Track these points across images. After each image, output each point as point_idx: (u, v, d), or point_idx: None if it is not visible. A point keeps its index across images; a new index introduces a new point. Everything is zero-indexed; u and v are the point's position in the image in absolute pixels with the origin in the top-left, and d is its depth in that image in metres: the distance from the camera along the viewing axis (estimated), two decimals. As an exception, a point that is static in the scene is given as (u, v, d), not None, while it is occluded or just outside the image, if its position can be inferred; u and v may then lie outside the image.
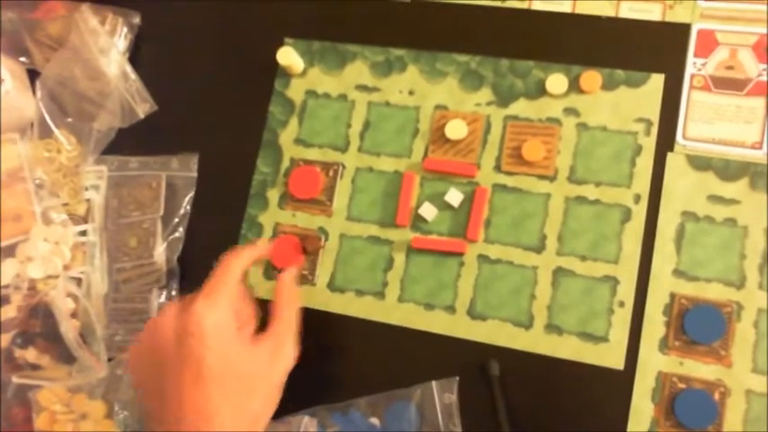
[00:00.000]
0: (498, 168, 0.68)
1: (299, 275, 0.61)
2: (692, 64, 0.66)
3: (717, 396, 0.60)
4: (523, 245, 0.66)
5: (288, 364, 0.57)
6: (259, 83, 0.75)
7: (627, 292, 0.63)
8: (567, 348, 0.63)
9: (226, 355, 0.52)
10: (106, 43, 0.75)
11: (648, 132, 0.65)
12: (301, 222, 0.71)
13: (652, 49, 0.67)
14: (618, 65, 0.67)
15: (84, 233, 0.73)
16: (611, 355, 0.62)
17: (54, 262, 0.71)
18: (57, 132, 0.75)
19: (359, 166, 0.71)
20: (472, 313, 0.66)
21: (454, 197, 0.67)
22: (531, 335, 0.64)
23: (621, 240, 0.64)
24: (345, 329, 0.68)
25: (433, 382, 0.64)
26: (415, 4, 0.73)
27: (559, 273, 0.65)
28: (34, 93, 0.76)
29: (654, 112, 0.66)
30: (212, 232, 0.72)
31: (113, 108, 0.75)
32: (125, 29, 0.78)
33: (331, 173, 0.71)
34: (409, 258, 0.68)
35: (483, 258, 0.66)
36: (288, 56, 0.72)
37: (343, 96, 0.72)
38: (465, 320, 0.66)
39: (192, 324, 0.52)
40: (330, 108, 0.73)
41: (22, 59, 0.79)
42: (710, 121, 0.65)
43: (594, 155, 0.66)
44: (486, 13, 0.71)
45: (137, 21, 0.79)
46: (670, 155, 0.65)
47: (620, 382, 0.62)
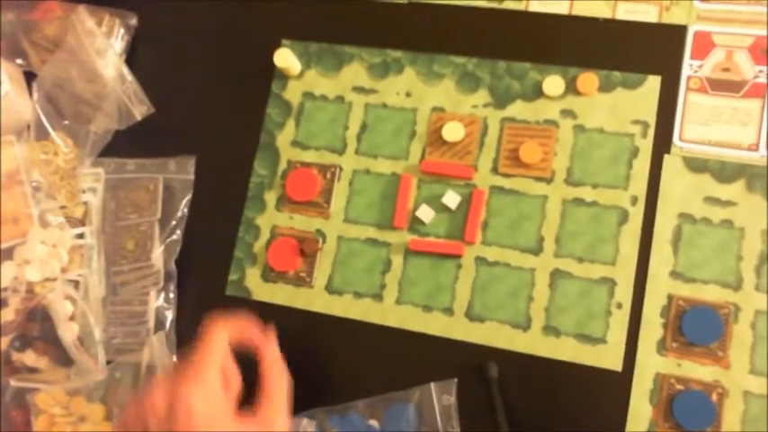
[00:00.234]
0: (495, 170, 0.68)
1: (279, 355, 0.59)
2: (689, 66, 0.66)
3: (715, 397, 0.60)
4: (521, 247, 0.66)
5: None
6: (256, 85, 0.75)
7: (624, 293, 0.63)
8: (564, 350, 0.63)
9: None
10: (103, 45, 0.75)
11: (645, 134, 0.65)
12: (299, 225, 0.71)
13: (649, 50, 0.67)
14: (615, 66, 0.67)
15: (82, 236, 0.73)
16: (608, 357, 0.62)
17: (51, 265, 0.71)
18: (53, 134, 0.75)
19: (356, 168, 0.71)
20: (470, 315, 0.66)
21: (451, 199, 0.67)
22: (529, 336, 0.64)
23: (619, 242, 0.64)
24: (343, 332, 0.68)
25: (432, 383, 0.64)
26: (412, 5, 0.73)
27: (557, 274, 0.65)
28: (31, 95, 0.75)
29: (650, 113, 0.66)
30: (210, 235, 0.72)
31: (110, 110, 0.75)
32: (122, 30, 0.78)
33: (328, 175, 0.71)
34: (407, 260, 0.68)
35: (481, 260, 0.66)
36: (285, 58, 0.72)
37: (341, 98, 0.72)
38: (463, 322, 0.66)
39: (182, 408, 0.51)
40: (327, 110, 0.73)
41: (18, 61, 0.78)
42: (707, 123, 0.65)
43: (591, 157, 0.66)
44: (483, 15, 0.71)
45: (133, 22, 0.79)
46: (667, 157, 0.65)
47: (618, 383, 0.62)
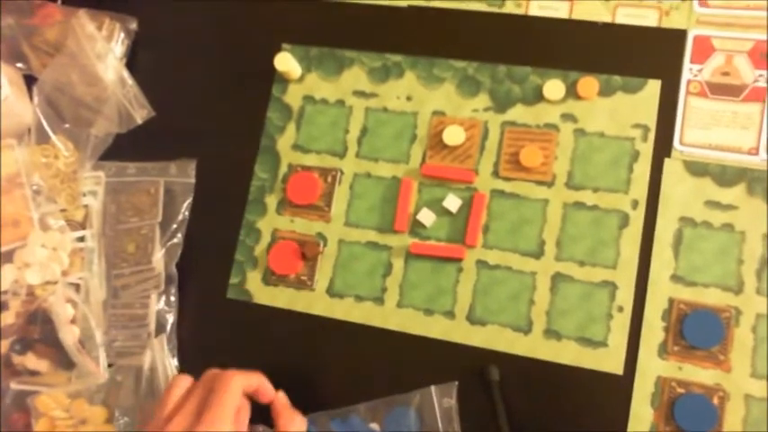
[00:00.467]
0: (496, 174, 0.68)
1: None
2: (689, 70, 0.66)
3: (716, 401, 0.60)
4: (522, 250, 0.66)
5: None
6: (257, 89, 0.75)
7: (625, 297, 0.63)
8: (566, 353, 0.63)
9: None
10: (103, 49, 0.75)
11: (645, 138, 0.66)
12: (300, 228, 0.71)
13: (649, 55, 0.67)
14: (615, 71, 0.67)
15: (83, 239, 0.73)
16: (610, 360, 0.62)
17: (52, 268, 0.71)
18: (54, 138, 0.74)
19: (357, 171, 0.71)
20: (471, 318, 0.66)
21: (452, 203, 0.67)
22: (530, 340, 0.64)
23: (619, 246, 0.64)
24: (344, 335, 0.68)
25: (432, 387, 0.64)
26: (413, 9, 0.73)
27: (558, 278, 0.65)
28: (31, 98, 0.75)
29: (651, 117, 0.66)
30: (211, 238, 0.72)
31: (111, 114, 0.75)
32: (122, 34, 0.78)
33: (329, 178, 0.71)
34: (408, 264, 0.68)
35: (482, 264, 0.66)
36: (285, 62, 0.72)
37: (341, 102, 0.73)
38: (464, 326, 0.66)
39: None
40: (328, 114, 0.73)
41: (19, 65, 0.78)
42: (707, 127, 0.65)
43: (592, 161, 0.66)
44: (484, 19, 0.71)
45: (134, 26, 0.79)
46: (667, 161, 0.65)
47: (620, 387, 0.62)
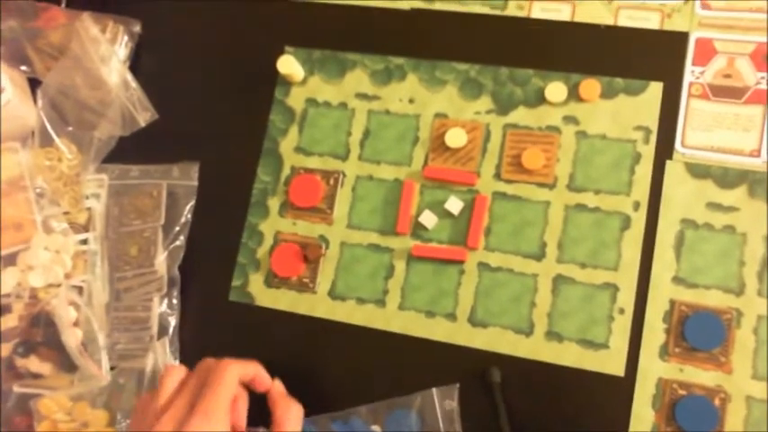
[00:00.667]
0: (498, 176, 0.68)
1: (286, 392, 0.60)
2: (691, 72, 0.66)
3: (717, 402, 0.60)
4: (523, 252, 0.66)
5: None
6: (259, 91, 0.75)
7: (627, 299, 0.63)
8: (567, 355, 0.63)
9: None
10: (107, 52, 0.76)
11: (647, 140, 0.66)
12: (302, 230, 0.71)
13: (650, 57, 0.67)
14: (617, 73, 0.67)
15: (85, 242, 0.73)
16: (611, 362, 0.62)
17: (55, 271, 0.71)
18: (57, 141, 0.75)
19: (359, 174, 0.71)
20: (473, 321, 0.66)
21: (454, 205, 0.68)
22: (532, 342, 0.64)
23: (621, 248, 0.64)
24: (346, 337, 0.68)
25: (434, 389, 0.64)
26: (415, 12, 0.73)
27: (559, 280, 0.65)
28: (35, 101, 0.76)
29: (653, 120, 0.66)
30: (213, 241, 0.72)
31: (114, 117, 0.75)
32: (126, 37, 0.78)
33: (331, 181, 0.71)
34: (410, 266, 0.68)
35: (483, 266, 0.66)
36: (288, 64, 0.72)
37: (344, 105, 0.73)
38: (466, 328, 0.66)
39: None
40: (330, 116, 0.73)
41: (23, 68, 0.79)
42: (709, 129, 0.65)
43: (594, 163, 0.66)
44: (486, 22, 0.71)
45: (137, 29, 0.79)
46: (669, 163, 0.65)
47: (621, 388, 0.62)
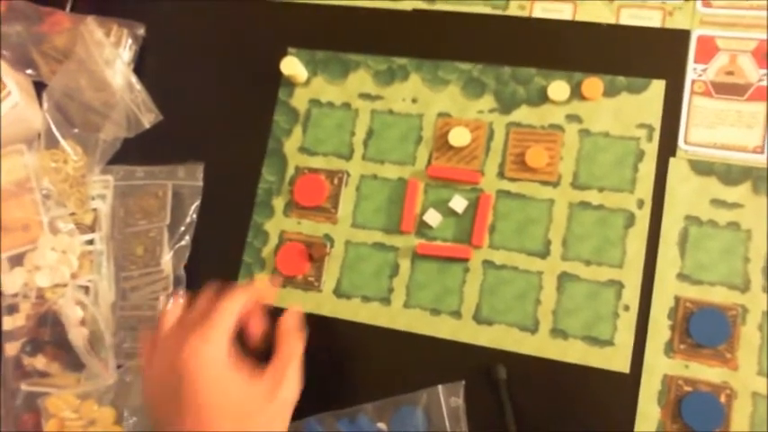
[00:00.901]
0: (502, 175, 0.68)
1: (299, 317, 0.62)
2: (693, 70, 0.67)
3: (723, 399, 0.60)
4: (528, 250, 0.66)
5: (290, 397, 0.57)
6: (263, 92, 0.75)
7: (632, 296, 0.63)
8: (572, 352, 0.63)
9: (221, 391, 0.54)
10: (111, 54, 0.76)
11: (650, 138, 0.66)
12: (307, 230, 0.71)
13: (653, 55, 0.67)
14: (619, 71, 0.68)
15: (92, 242, 0.74)
16: (616, 359, 0.62)
17: (61, 271, 0.71)
18: (63, 143, 0.75)
19: (363, 173, 0.71)
20: (478, 318, 0.66)
21: (458, 203, 0.68)
22: (537, 339, 0.64)
23: (625, 245, 0.64)
24: (352, 335, 0.68)
25: (439, 386, 0.64)
26: (417, 13, 0.74)
27: (564, 277, 0.65)
28: (41, 104, 0.76)
29: (655, 117, 0.66)
30: (218, 240, 0.73)
31: (119, 118, 0.76)
32: (130, 40, 0.79)
33: (336, 180, 0.71)
34: (414, 264, 0.68)
35: (488, 264, 0.67)
36: (291, 65, 0.72)
37: (347, 105, 0.73)
38: (471, 325, 0.66)
39: (187, 359, 0.54)
40: (334, 116, 0.73)
41: (28, 72, 0.79)
42: (712, 126, 0.65)
43: (597, 161, 0.67)
44: (488, 22, 0.72)
45: (141, 32, 0.79)
46: (672, 160, 0.65)
47: (626, 385, 0.62)
